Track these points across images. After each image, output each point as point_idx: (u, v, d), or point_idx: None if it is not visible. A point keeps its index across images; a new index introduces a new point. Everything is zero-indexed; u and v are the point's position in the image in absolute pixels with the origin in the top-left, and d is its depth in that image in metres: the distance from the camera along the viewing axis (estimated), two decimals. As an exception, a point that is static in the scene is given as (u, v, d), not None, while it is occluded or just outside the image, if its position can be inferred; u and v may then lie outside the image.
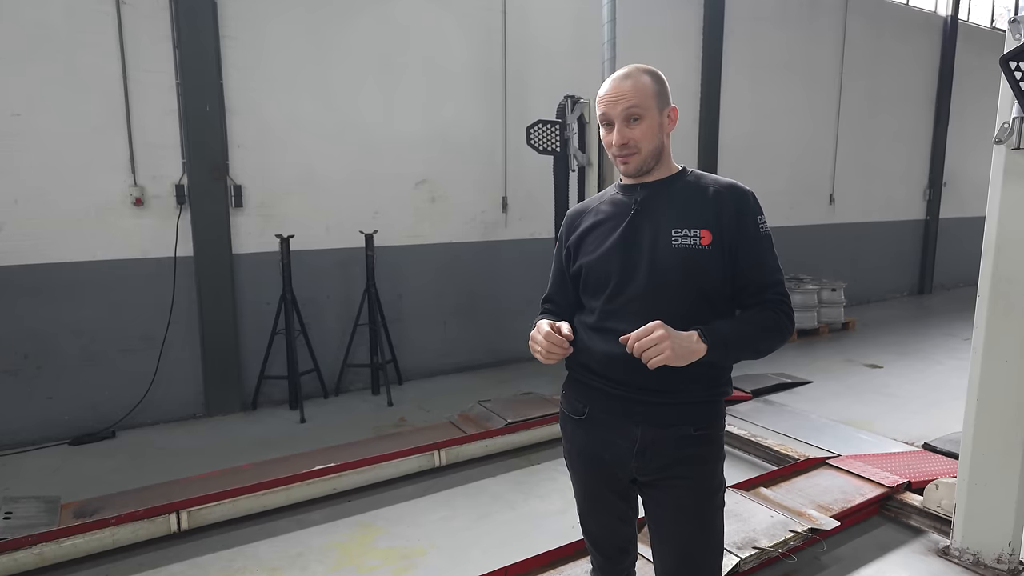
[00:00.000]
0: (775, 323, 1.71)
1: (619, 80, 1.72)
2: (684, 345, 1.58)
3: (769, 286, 1.73)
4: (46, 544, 2.99)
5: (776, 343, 1.73)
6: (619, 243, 1.76)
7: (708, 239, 1.68)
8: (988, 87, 9.78)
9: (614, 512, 1.92)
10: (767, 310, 1.72)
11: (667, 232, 1.71)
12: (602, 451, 1.83)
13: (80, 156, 4.56)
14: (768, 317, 1.71)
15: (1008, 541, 2.88)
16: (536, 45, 6.40)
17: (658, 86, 1.72)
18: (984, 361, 2.86)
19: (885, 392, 5.73)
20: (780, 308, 1.72)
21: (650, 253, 1.71)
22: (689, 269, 1.68)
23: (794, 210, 8.91)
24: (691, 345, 1.59)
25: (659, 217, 1.74)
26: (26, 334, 4.52)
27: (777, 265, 1.76)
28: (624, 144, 1.72)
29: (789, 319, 1.73)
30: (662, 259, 1.70)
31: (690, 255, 1.68)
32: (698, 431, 1.74)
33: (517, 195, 6.49)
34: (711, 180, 1.78)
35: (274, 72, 5.19)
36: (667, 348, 1.54)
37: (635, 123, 1.70)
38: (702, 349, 1.60)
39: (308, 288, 5.47)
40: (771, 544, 2.89)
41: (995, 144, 2.77)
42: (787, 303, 1.74)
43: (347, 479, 3.75)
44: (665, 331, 1.56)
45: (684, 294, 1.69)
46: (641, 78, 1.71)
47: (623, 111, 1.70)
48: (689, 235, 1.69)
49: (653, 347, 1.55)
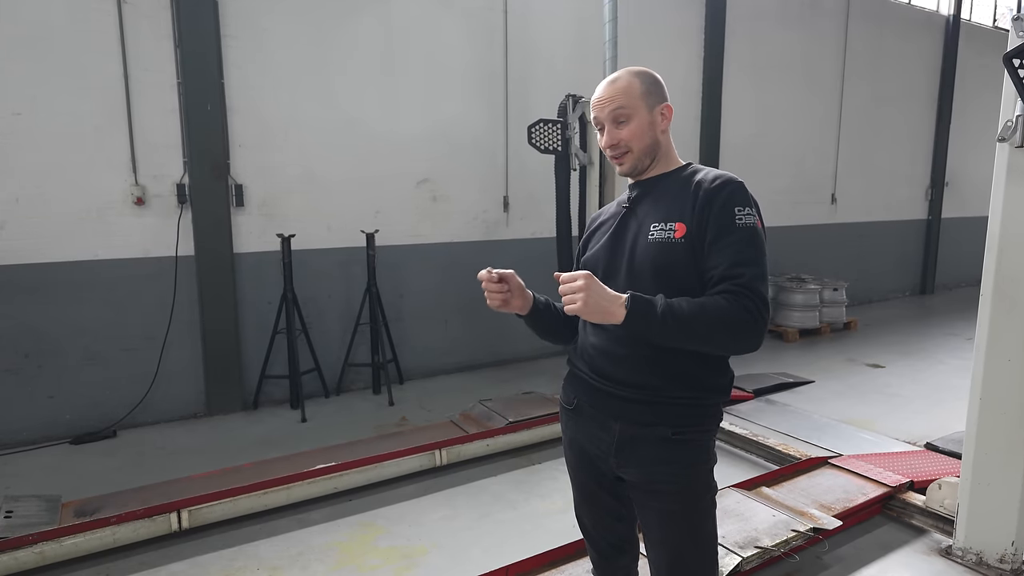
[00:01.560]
0: (727, 312, 1.52)
1: (608, 84, 1.76)
2: (601, 303, 1.52)
3: (731, 277, 1.56)
4: (47, 543, 2.99)
5: (733, 337, 1.56)
6: (608, 241, 1.80)
7: (681, 232, 1.64)
8: (990, 87, 9.78)
9: (605, 507, 1.92)
10: (721, 298, 1.55)
11: (647, 228, 1.71)
12: (587, 443, 1.85)
13: (81, 155, 4.56)
14: (719, 304, 1.54)
15: (1011, 541, 2.87)
16: (537, 44, 6.39)
17: (646, 86, 1.73)
18: (987, 360, 2.85)
19: (887, 392, 5.71)
20: (739, 299, 1.54)
21: (630, 250, 1.73)
22: (660, 263, 1.66)
23: (796, 210, 8.90)
24: (608, 306, 1.52)
25: (644, 214, 1.75)
26: (27, 333, 4.52)
27: (752, 258, 1.58)
28: (614, 145, 1.75)
29: (749, 313, 1.53)
30: (639, 254, 1.71)
31: (662, 249, 1.66)
32: (676, 434, 1.68)
33: (518, 195, 6.49)
34: (702, 173, 1.72)
35: (275, 71, 5.19)
36: (580, 300, 1.50)
37: (623, 124, 1.73)
38: (620, 314, 1.52)
39: (309, 287, 5.46)
40: (773, 543, 2.88)
41: (998, 142, 2.76)
42: (750, 296, 1.54)
43: (348, 478, 3.75)
44: (586, 282, 1.51)
45: (659, 289, 1.61)
46: (629, 80, 1.73)
47: (610, 113, 1.73)
48: (665, 229, 1.67)
49: (570, 294, 1.52)
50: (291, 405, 5.28)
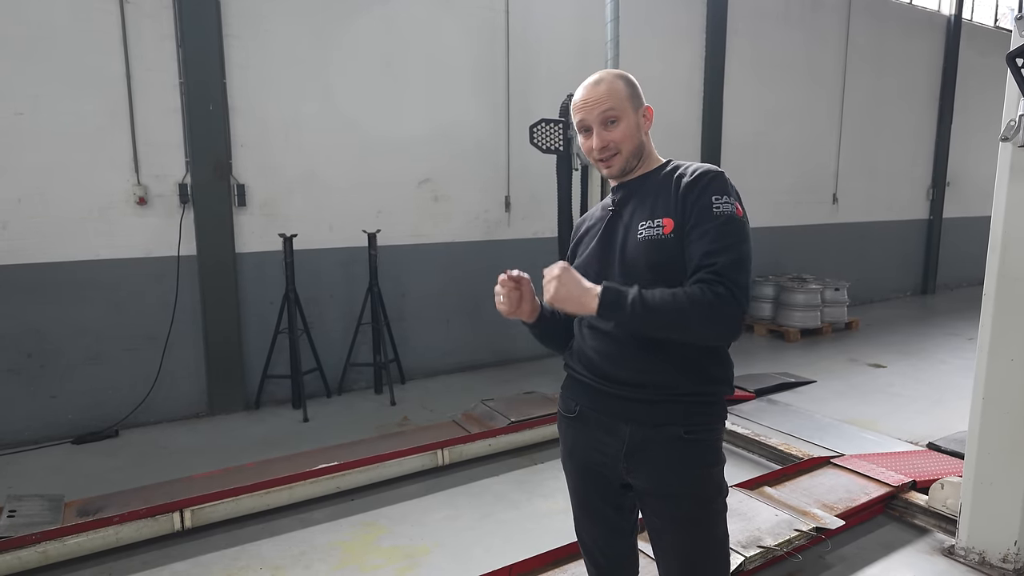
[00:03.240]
0: (698, 298, 1.52)
1: (592, 86, 1.73)
2: (573, 292, 1.57)
3: (706, 265, 1.55)
4: (50, 542, 2.99)
5: (706, 322, 1.55)
6: (598, 245, 1.80)
7: (670, 227, 1.64)
8: (991, 86, 9.78)
9: (606, 522, 1.88)
10: (695, 286, 1.55)
11: (635, 227, 1.71)
12: (592, 451, 1.80)
13: (83, 155, 4.57)
14: (691, 292, 1.54)
15: (1014, 540, 2.87)
16: (539, 44, 6.39)
17: (630, 88, 1.74)
18: (990, 359, 2.85)
19: (889, 391, 5.71)
20: (711, 286, 1.53)
21: (621, 250, 1.73)
22: (652, 261, 1.65)
23: (797, 210, 8.90)
24: (581, 296, 1.57)
25: (630, 214, 1.75)
26: (29, 333, 4.52)
27: (728, 246, 1.57)
28: (604, 147, 1.73)
29: (720, 298, 1.52)
30: (630, 254, 1.70)
31: (652, 246, 1.66)
32: (689, 433, 1.67)
33: (520, 194, 6.49)
34: (683, 167, 1.72)
35: (277, 71, 5.19)
36: (552, 288, 1.57)
37: (613, 125, 1.71)
38: (592, 304, 1.56)
39: (311, 287, 5.47)
40: (776, 543, 2.88)
41: (1001, 141, 2.76)
42: (722, 282, 1.53)
43: (350, 478, 3.75)
44: (561, 271, 1.58)
45: (656, 285, 1.60)
46: (613, 82, 1.72)
47: (599, 115, 1.71)
48: (653, 226, 1.67)
49: (546, 283, 1.59)
50: (293, 405, 5.29)
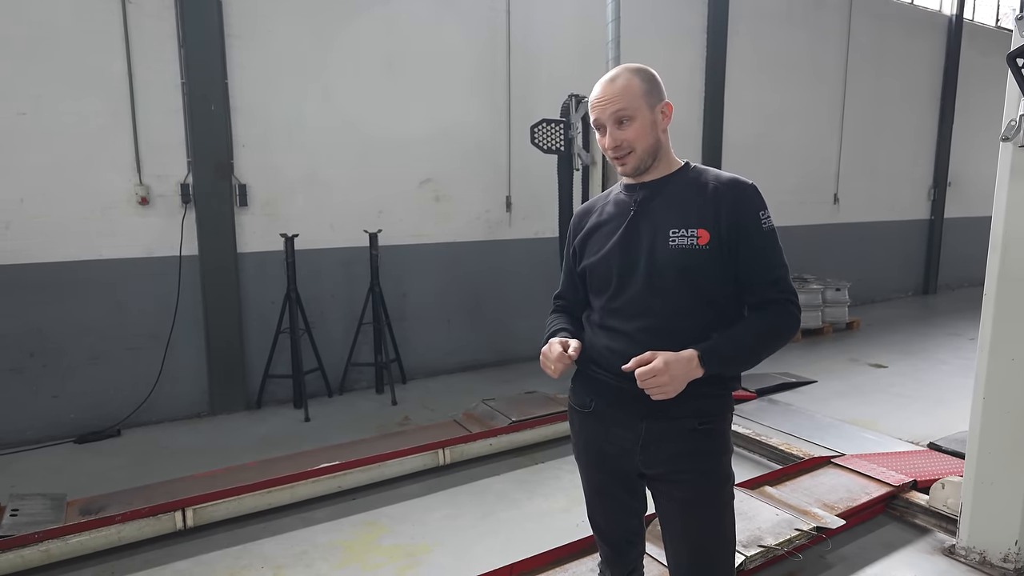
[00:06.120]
0: (776, 327, 1.71)
1: (607, 83, 1.72)
2: (682, 373, 1.61)
3: (773, 283, 1.71)
4: (52, 541, 3.00)
5: (779, 345, 1.74)
6: (619, 244, 1.77)
7: (706, 239, 1.67)
8: (992, 86, 9.75)
9: (620, 505, 1.93)
10: (768, 313, 1.71)
11: (665, 232, 1.70)
12: (607, 444, 1.84)
13: (85, 155, 4.58)
14: (769, 323, 1.71)
15: (1015, 540, 2.87)
16: (540, 44, 6.40)
17: (647, 85, 1.71)
18: (991, 359, 2.85)
19: (890, 391, 5.71)
20: (784, 308, 1.71)
21: (648, 254, 1.71)
22: (686, 269, 1.68)
23: (798, 210, 8.88)
24: (689, 372, 1.62)
25: (658, 217, 1.74)
26: (31, 332, 4.53)
27: (781, 260, 1.74)
28: (617, 146, 1.72)
29: (794, 318, 1.72)
30: (660, 260, 1.70)
31: (687, 255, 1.67)
32: (703, 424, 1.73)
33: (521, 194, 6.49)
34: (712, 176, 1.75)
35: (279, 71, 5.20)
36: (666, 383, 1.59)
37: (626, 124, 1.70)
38: (699, 372, 1.63)
39: (312, 287, 5.47)
40: (777, 542, 2.89)
41: (1002, 141, 2.76)
42: (792, 300, 1.72)
43: (351, 477, 3.76)
44: (663, 363, 1.59)
45: (682, 294, 1.69)
46: (628, 79, 1.70)
47: (612, 114, 1.70)
48: (687, 235, 1.68)
49: (653, 381, 1.59)
50: (294, 404, 5.29)
